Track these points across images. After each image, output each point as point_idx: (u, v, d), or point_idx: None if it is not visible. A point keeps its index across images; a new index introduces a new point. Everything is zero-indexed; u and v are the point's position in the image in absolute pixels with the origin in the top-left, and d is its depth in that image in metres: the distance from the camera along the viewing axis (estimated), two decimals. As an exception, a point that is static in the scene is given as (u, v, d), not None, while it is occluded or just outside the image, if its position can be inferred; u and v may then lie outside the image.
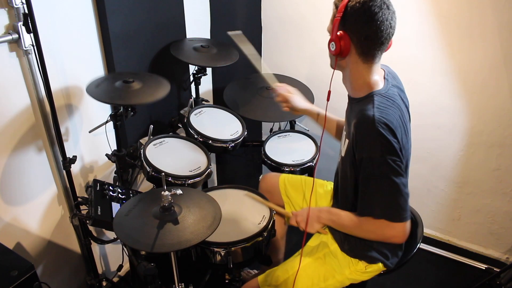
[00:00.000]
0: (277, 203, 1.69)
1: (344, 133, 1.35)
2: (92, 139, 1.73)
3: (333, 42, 1.18)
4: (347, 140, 1.27)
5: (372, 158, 1.14)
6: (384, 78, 1.29)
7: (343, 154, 1.32)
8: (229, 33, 1.64)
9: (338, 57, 1.22)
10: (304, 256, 1.47)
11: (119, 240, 1.59)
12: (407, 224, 1.17)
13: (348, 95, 1.35)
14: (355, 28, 1.15)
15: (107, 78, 1.59)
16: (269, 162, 1.88)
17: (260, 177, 1.84)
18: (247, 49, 1.63)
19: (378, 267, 1.41)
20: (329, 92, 1.29)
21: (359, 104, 1.23)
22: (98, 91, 1.48)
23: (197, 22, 2.20)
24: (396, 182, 1.13)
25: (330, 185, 1.68)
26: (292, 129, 2.19)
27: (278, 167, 1.86)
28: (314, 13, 2.21)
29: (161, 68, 1.93)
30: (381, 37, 1.15)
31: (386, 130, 1.12)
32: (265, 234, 1.45)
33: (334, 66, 1.27)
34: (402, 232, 1.18)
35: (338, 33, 1.17)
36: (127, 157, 1.73)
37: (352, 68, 1.24)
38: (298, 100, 1.63)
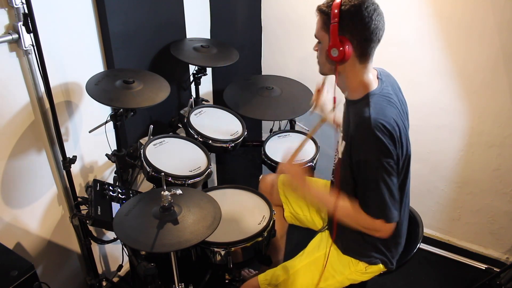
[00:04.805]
0: (276, 203, 1.69)
1: (341, 134, 1.35)
2: (92, 139, 1.73)
3: (334, 49, 1.17)
4: (343, 142, 1.27)
5: (368, 161, 1.16)
6: (378, 78, 1.29)
7: (340, 156, 1.32)
8: None
9: (339, 63, 1.21)
10: (304, 255, 1.47)
11: (119, 240, 1.59)
12: (394, 225, 1.23)
13: (345, 97, 1.35)
14: (355, 31, 1.15)
15: (107, 75, 1.59)
16: (269, 162, 1.88)
17: (260, 178, 1.84)
18: None
19: (379, 268, 1.41)
20: (334, 99, 1.28)
21: (356, 106, 1.23)
22: (98, 90, 1.48)
23: (197, 22, 2.20)
24: (389, 184, 1.16)
25: (326, 182, 1.68)
26: (292, 129, 2.19)
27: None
28: (313, 13, 2.20)
29: (161, 68, 1.93)
30: (378, 35, 1.17)
31: (383, 133, 1.13)
32: (265, 234, 1.45)
33: (336, 72, 1.25)
34: (389, 231, 1.23)
35: (339, 39, 1.16)
36: (127, 157, 1.73)
37: (350, 71, 1.23)
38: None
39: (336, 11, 1.14)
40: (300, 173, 1.37)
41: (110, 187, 1.59)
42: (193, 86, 2.11)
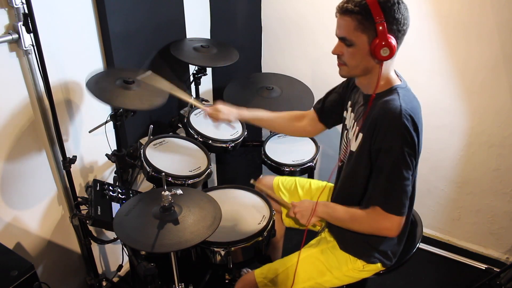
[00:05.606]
0: (273, 206, 1.68)
1: (356, 128, 1.30)
2: (92, 139, 1.73)
3: (385, 48, 1.14)
4: (360, 134, 1.25)
5: (391, 148, 1.15)
6: (397, 74, 1.30)
7: (353, 149, 1.29)
8: (139, 77, 1.56)
9: (383, 61, 1.18)
10: (302, 251, 1.47)
11: (119, 240, 1.59)
12: (403, 220, 1.21)
13: (364, 94, 1.31)
14: (398, 29, 1.15)
15: (108, 74, 1.58)
16: (269, 162, 1.88)
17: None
18: (164, 85, 1.56)
19: (377, 267, 1.41)
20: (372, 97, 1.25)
21: (382, 97, 1.22)
22: (98, 90, 1.48)
23: (197, 22, 2.20)
24: (405, 176, 1.16)
25: (323, 184, 1.68)
26: (292, 129, 2.19)
27: (278, 167, 1.86)
28: (314, 12, 2.20)
29: (161, 68, 1.93)
30: (406, 32, 1.19)
31: (410, 123, 1.14)
32: (265, 234, 1.45)
33: (380, 71, 1.21)
34: (396, 226, 1.21)
35: (388, 37, 1.13)
36: (127, 157, 1.73)
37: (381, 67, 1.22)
38: (228, 114, 1.57)
39: (377, 9, 1.12)
40: (308, 209, 1.38)
41: (110, 187, 1.59)
42: (193, 86, 2.12)
